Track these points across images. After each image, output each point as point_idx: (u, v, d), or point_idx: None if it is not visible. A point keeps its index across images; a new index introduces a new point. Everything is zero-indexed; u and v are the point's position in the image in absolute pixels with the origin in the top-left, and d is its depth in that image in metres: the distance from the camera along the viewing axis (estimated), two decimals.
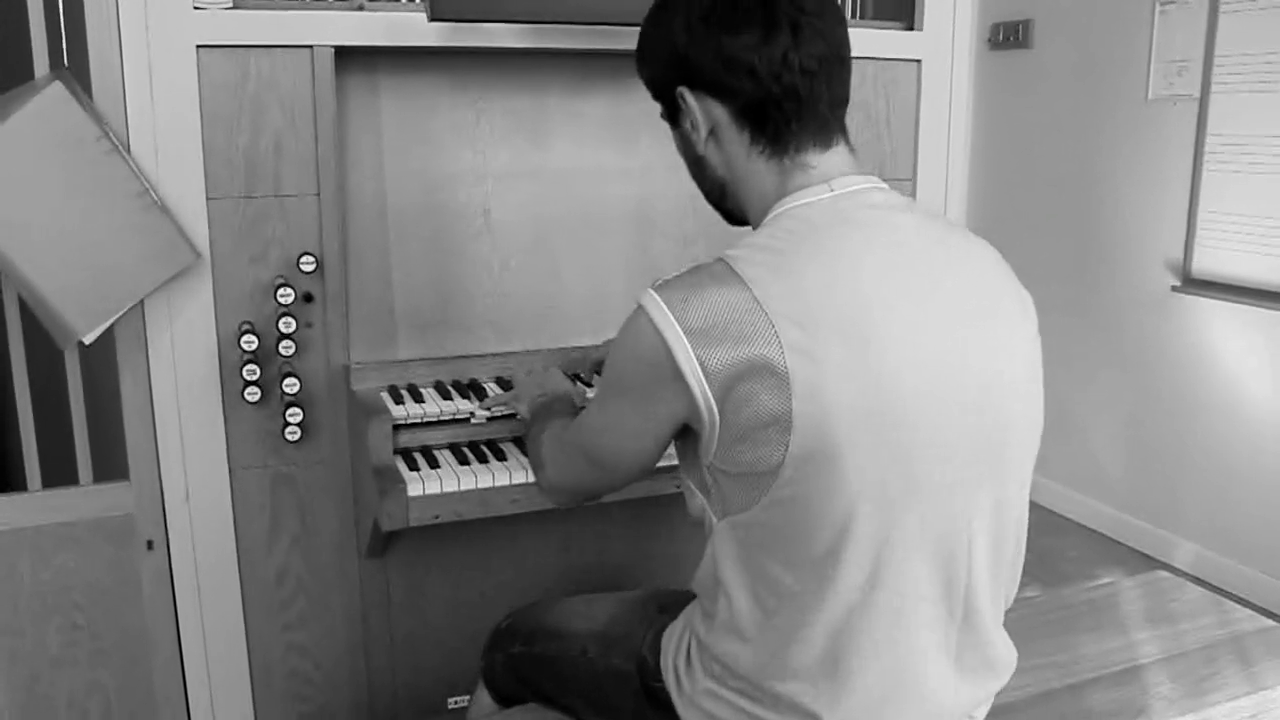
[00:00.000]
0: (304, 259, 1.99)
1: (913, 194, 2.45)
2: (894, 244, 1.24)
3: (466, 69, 2.16)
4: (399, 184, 2.14)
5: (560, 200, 2.24)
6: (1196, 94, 3.59)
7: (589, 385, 2.09)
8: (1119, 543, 3.90)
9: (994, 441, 1.25)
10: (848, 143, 1.33)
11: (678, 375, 1.20)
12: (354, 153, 2.11)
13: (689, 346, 1.18)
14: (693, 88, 1.31)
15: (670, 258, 2.28)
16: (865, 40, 2.28)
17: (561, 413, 1.71)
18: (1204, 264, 3.58)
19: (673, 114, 1.38)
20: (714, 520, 1.29)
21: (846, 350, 1.16)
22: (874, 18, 2.61)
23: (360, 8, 2.03)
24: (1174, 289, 3.68)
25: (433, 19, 1.94)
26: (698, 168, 1.39)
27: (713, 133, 1.33)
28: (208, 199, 1.97)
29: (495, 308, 2.20)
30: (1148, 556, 3.79)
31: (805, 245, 1.22)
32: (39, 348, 2.10)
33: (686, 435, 1.31)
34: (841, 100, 1.32)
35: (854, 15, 2.64)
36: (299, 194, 2.02)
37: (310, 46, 1.98)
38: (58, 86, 1.84)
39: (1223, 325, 3.55)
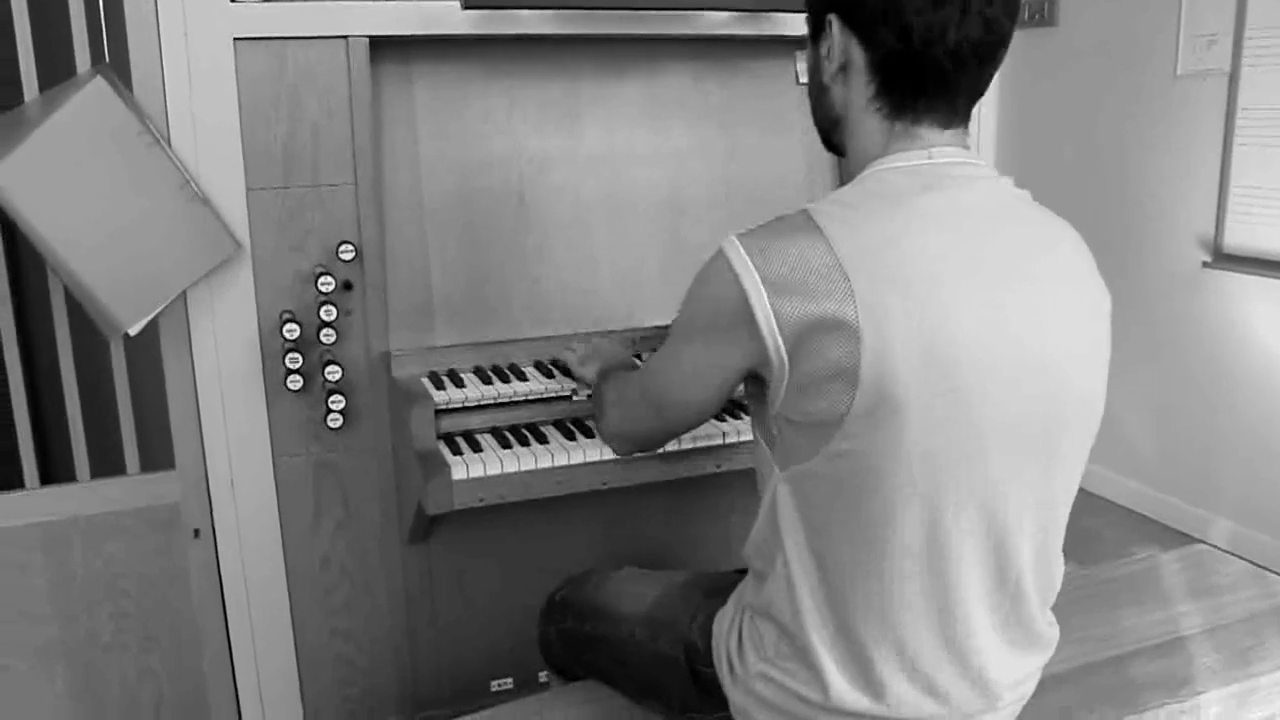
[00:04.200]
0: (343, 248, 2.02)
1: None
2: (971, 211, 1.24)
3: (499, 56, 2.18)
4: (434, 171, 2.16)
5: (593, 185, 2.26)
6: (1227, 68, 3.56)
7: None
8: (1154, 520, 3.89)
9: (1050, 418, 1.25)
10: (965, 129, 1.31)
11: (752, 322, 1.22)
12: (389, 141, 2.12)
13: (765, 295, 1.20)
14: (843, 19, 1.28)
15: (702, 242, 2.29)
16: None
17: (627, 368, 1.76)
18: (1235, 239, 3.56)
19: (815, 34, 1.35)
20: (776, 472, 1.31)
21: (913, 309, 1.16)
22: None
23: None
24: (1205, 265, 3.66)
25: (466, 7, 1.95)
26: (819, 94, 1.38)
27: (843, 69, 1.31)
28: (247, 190, 2.00)
29: (531, 292, 2.21)
30: (1183, 534, 3.78)
31: (883, 205, 1.23)
32: (84, 339, 2.13)
33: (756, 384, 1.32)
34: (978, 94, 1.30)
35: None
36: (337, 183, 2.04)
37: (345, 37, 2.00)
38: (99, 82, 1.86)
39: (1255, 300, 3.53)
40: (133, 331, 1.93)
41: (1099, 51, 3.97)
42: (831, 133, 1.39)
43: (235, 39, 1.95)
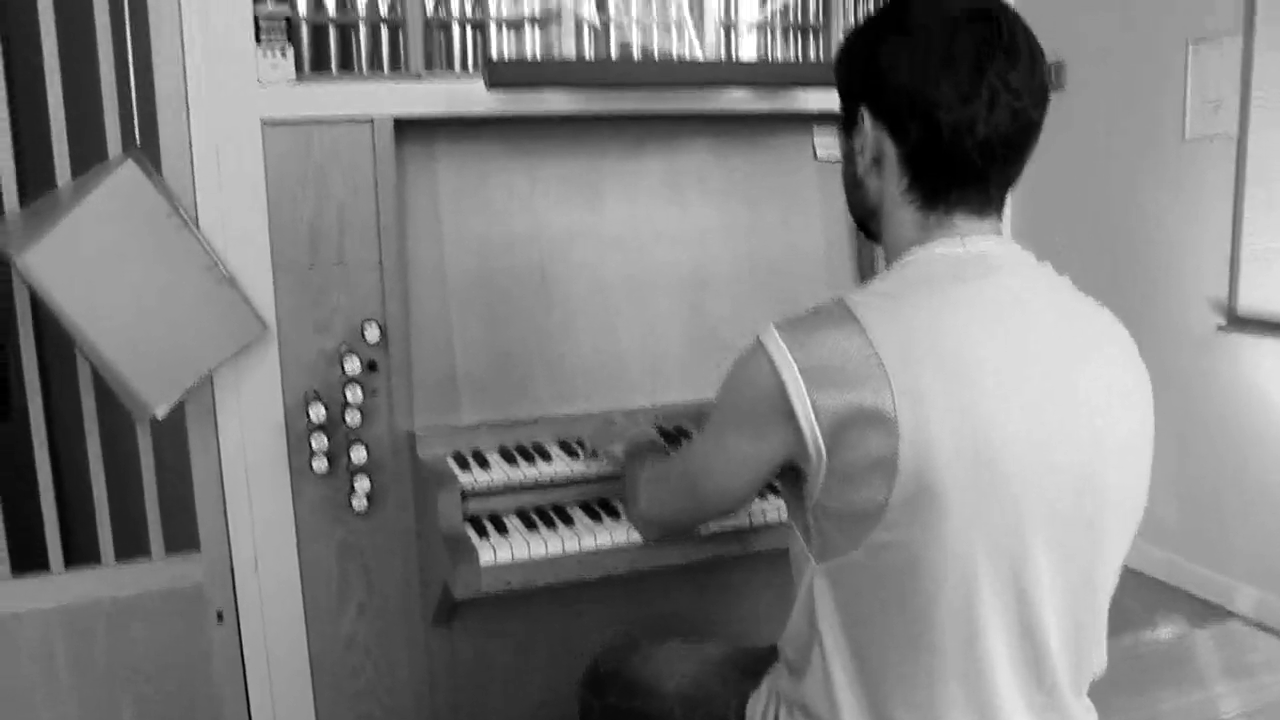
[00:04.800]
0: (368, 328, 2.02)
1: None
2: (1010, 298, 1.24)
3: (522, 134, 2.20)
4: (457, 249, 2.17)
5: (615, 261, 2.26)
6: (1234, 132, 3.59)
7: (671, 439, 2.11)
8: (1176, 588, 3.86)
9: (1093, 507, 1.24)
10: (999, 217, 1.32)
11: (789, 413, 1.22)
12: (413, 219, 2.13)
13: (803, 386, 1.20)
14: (874, 113, 1.30)
15: (725, 318, 2.30)
16: None
17: (656, 450, 1.77)
18: (1249, 302, 3.57)
19: (848, 125, 1.36)
20: (813, 565, 1.30)
21: (951, 399, 1.16)
22: None
23: (419, 78, 2.07)
24: (1220, 328, 3.67)
25: (490, 87, 1.97)
26: (854, 187, 1.39)
27: (877, 162, 1.32)
28: (274, 269, 2.01)
29: (554, 369, 2.21)
30: (1207, 602, 3.75)
31: (922, 295, 1.23)
32: (109, 419, 2.12)
33: (792, 475, 1.32)
34: (1011, 181, 1.31)
35: None
36: (362, 263, 2.05)
37: (371, 119, 2.01)
38: (130, 166, 1.88)
39: (1271, 363, 3.53)
40: (160, 414, 1.93)
41: (1107, 116, 4.01)
42: (868, 221, 1.40)
43: (263, 121, 1.97)
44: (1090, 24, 3.99)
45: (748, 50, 2.41)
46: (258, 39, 1.95)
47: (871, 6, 2.52)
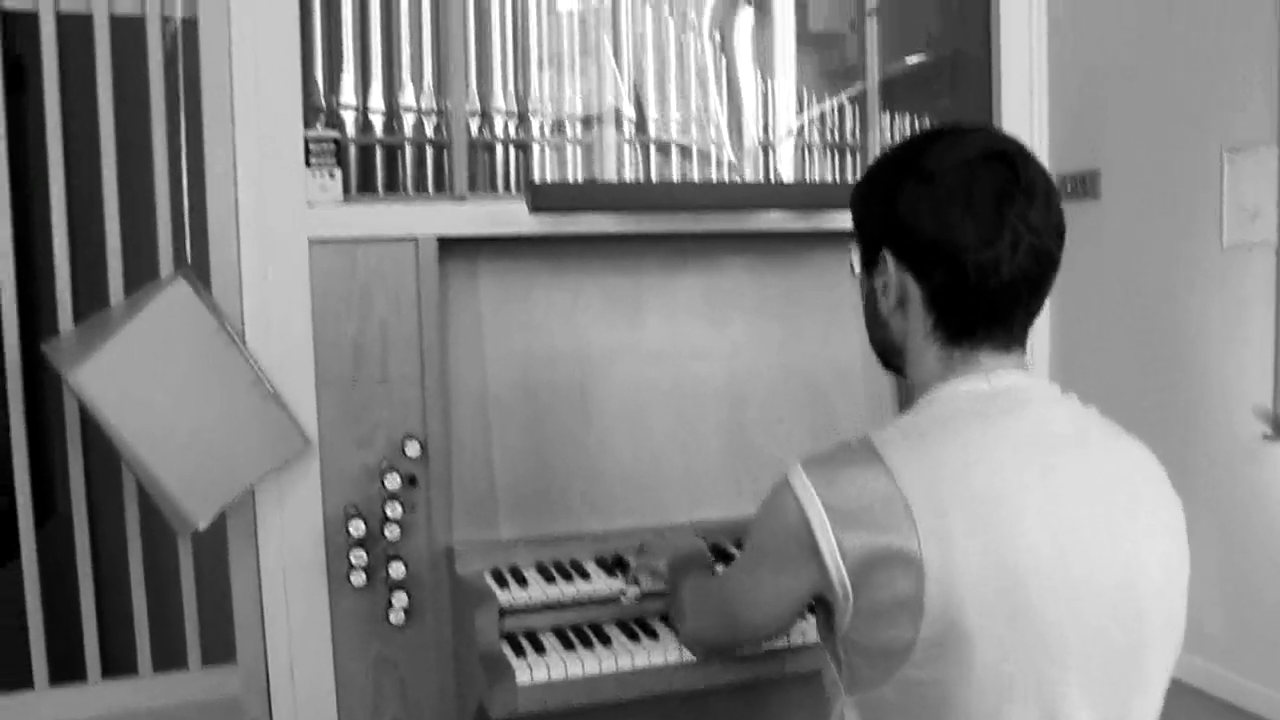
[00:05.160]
0: (409, 444, 2.04)
1: None
2: (1037, 436, 1.24)
3: (563, 253, 2.23)
4: (498, 364, 2.19)
5: (655, 378, 2.28)
6: (1273, 240, 3.57)
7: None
8: (1228, 703, 3.76)
9: (1129, 641, 1.22)
10: (1023, 349, 1.33)
11: (815, 553, 1.22)
12: (455, 335, 2.17)
13: (829, 526, 1.20)
14: (897, 255, 1.31)
15: (764, 434, 2.30)
16: None
17: (700, 567, 1.79)
18: None
19: (868, 265, 1.37)
20: (844, 695, 1.29)
21: (978, 542, 1.16)
22: None
23: (462, 199, 2.12)
24: (1265, 437, 3.62)
25: (534, 211, 2.01)
26: (877, 325, 1.39)
27: (901, 304, 1.33)
28: (317, 385, 2.04)
29: (593, 485, 2.22)
30: (1253, 714, 3.65)
31: (948, 432, 1.23)
32: (150, 525, 2.14)
33: (824, 605, 1.32)
34: (1033, 316, 1.31)
35: None
36: (404, 379, 2.08)
37: (416, 238, 2.06)
38: (181, 284, 1.93)
39: None
40: (202, 526, 1.95)
41: (1144, 224, 4.00)
42: (891, 358, 1.41)
43: (311, 240, 2.02)
44: (1124, 133, 4.00)
45: (786, 166, 2.45)
46: (308, 161, 2.01)
47: (908, 126, 2.57)
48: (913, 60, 2.69)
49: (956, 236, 1.24)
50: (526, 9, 2.26)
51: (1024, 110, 2.52)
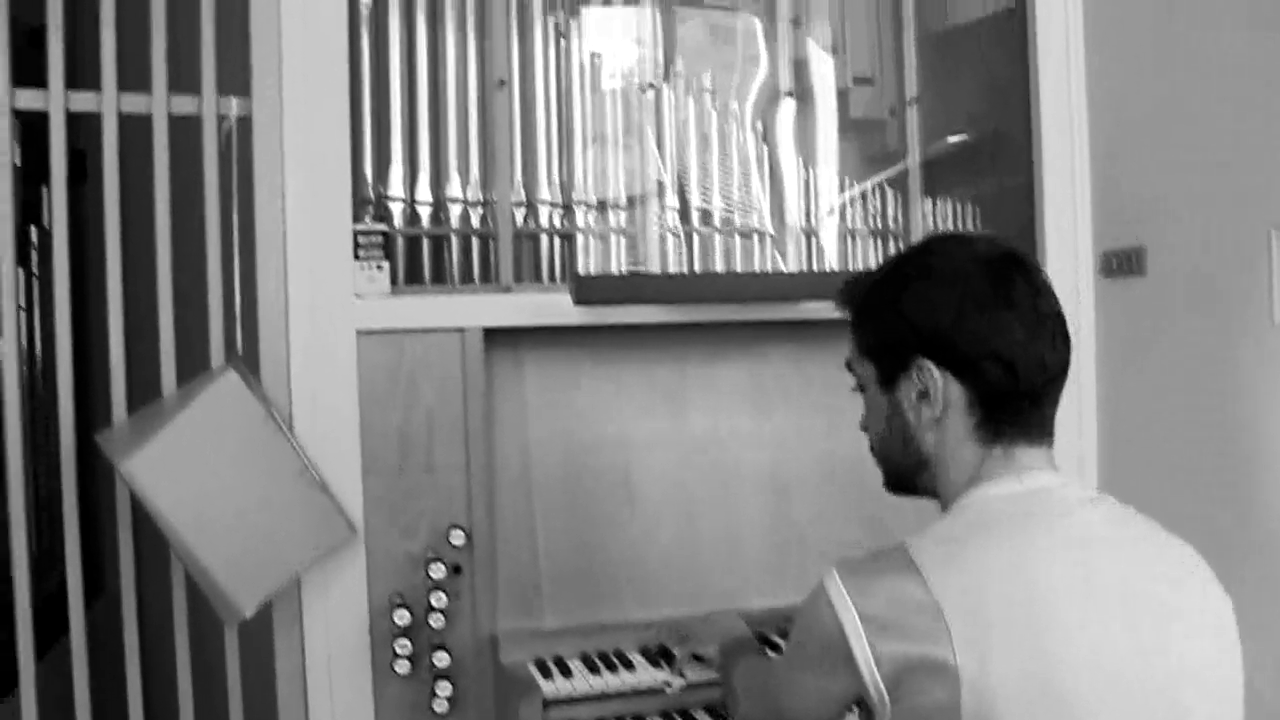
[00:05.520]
0: (453, 532, 2.05)
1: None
2: (1074, 540, 1.23)
3: (607, 342, 2.25)
4: (543, 452, 2.21)
5: (698, 466, 2.29)
6: None
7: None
8: None
9: None
10: (1050, 442, 1.33)
11: (850, 660, 1.22)
12: (500, 424, 2.18)
13: (864, 634, 1.20)
14: (940, 363, 1.31)
15: (808, 522, 2.30)
16: None
17: (750, 651, 1.78)
18: None
19: (890, 379, 1.37)
20: None
21: (1016, 647, 1.15)
22: None
23: (507, 290, 2.14)
24: None
25: (578, 303, 2.04)
26: (903, 440, 1.37)
27: (942, 410, 1.32)
28: (363, 474, 2.06)
29: (636, 573, 2.22)
30: None
31: (984, 538, 1.23)
32: (196, 608, 2.16)
33: (865, 706, 1.31)
34: (1057, 405, 1.33)
35: None
36: (449, 467, 2.09)
37: (461, 329, 2.08)
38: (231, 375, 1.96)
39: None
40: (249, 614, 1.96)
41: (1191, 301, 3.96)
42: (916, 476, 1.39)
43: (358, 331, 2.05)
44: (1169, 209, 3.98)
45: (829, 252, 2.46)
46: (356, 254, 2.05)
47: (951, 211, 2.58)
48: (954, 140, 2.71)
49: (1008, 335, 1.27)
50: (570, 94, 2.31)
51: (1066, 187, 2.53)
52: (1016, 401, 1.28)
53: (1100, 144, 2.58)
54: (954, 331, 1.29)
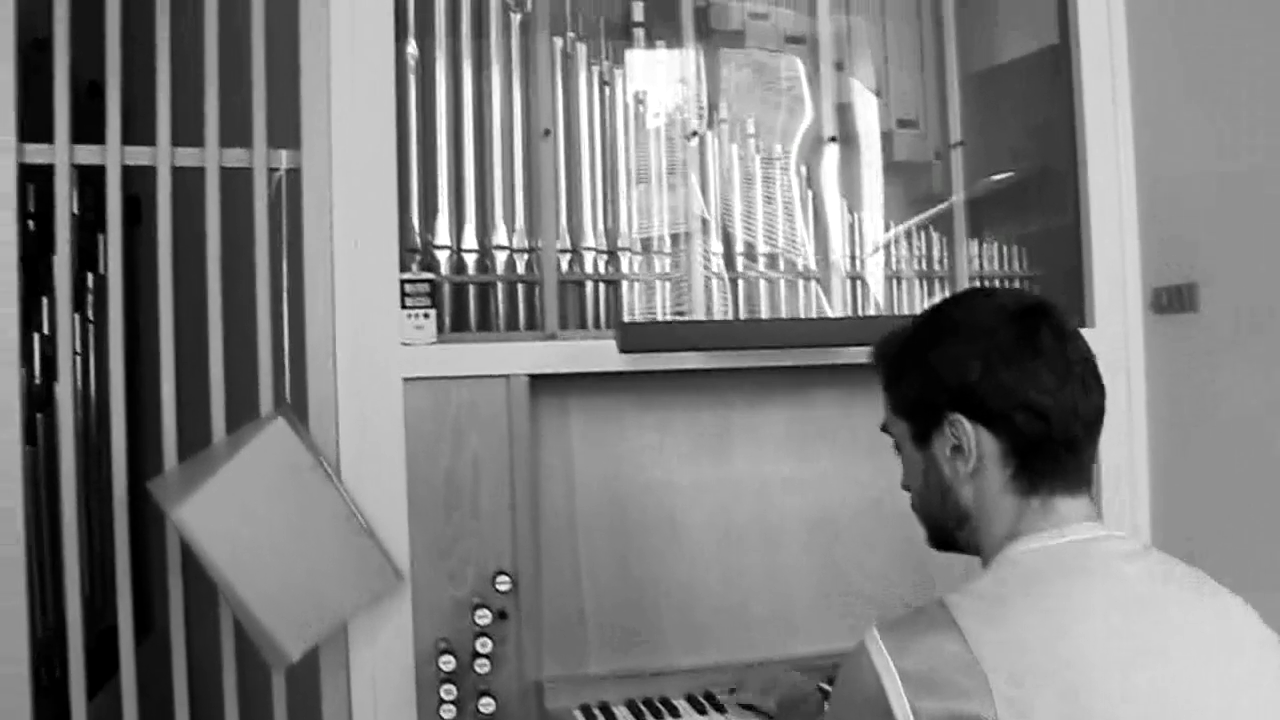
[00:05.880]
0: (499, 578, 2.06)
1: (1097, 496, 2.41)
2: (1119, 596, 1.22)
3: (652, 388, 2.26)
4: (588, 498, 2.21)
5: (744, 510, 2.28)
6: None
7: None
8: None
9: None
10: (1090, 491, 1.32)
11: (890, 718, 1.20)
12: (546, 469, 2.19)
13: (903, 693, 1.18)
14: (972, 417, 1.30)
15: (855, 566, 2.28)
16: None
17: (809, 704, 1.78)
18: None
19: (924, 435, 1.37)
20: None
21: (1057, 707, 1.13)
22: None
23: (553, 337, 2.16)
24: None
25: (623, 351, 2.04)
26: (941, 495, 1.37)
27: (978, 463, 1.31)
28: (410, 520, 2.07)
29: (683, 618, 2.22)
30: None
31: (1026, 594, 1.22)
32: (245, 660, 2.18)
33: None
34: (1095, 453, 1.32)
35: None
36: (495, 514, 2.10)
37: (507, 376, 2.10)
38: (280, 423, 1.98)
39: None
40: (295, 659, 1.98)
41: (1246, 336, 3.90)
42: (957, 530, 1.37)
43: (405, 379, 2.07)
44: (1222, 244, 3.93)
45: (874, 296, 2.46)
46: (403, 303, 2.07)
47: (997, 252, 2.57)
48: (999, 178, 2.70)
49: (1037, 384, 1.26)
50: (615, 141, 2.33)
51: (1113, 223, 2.52)
52: (1052, 450, 1.27)
53: (1147, 178, 2.56)
54: (983, 384, 1.29)
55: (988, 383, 1.28)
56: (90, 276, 2.63)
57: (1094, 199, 2.49)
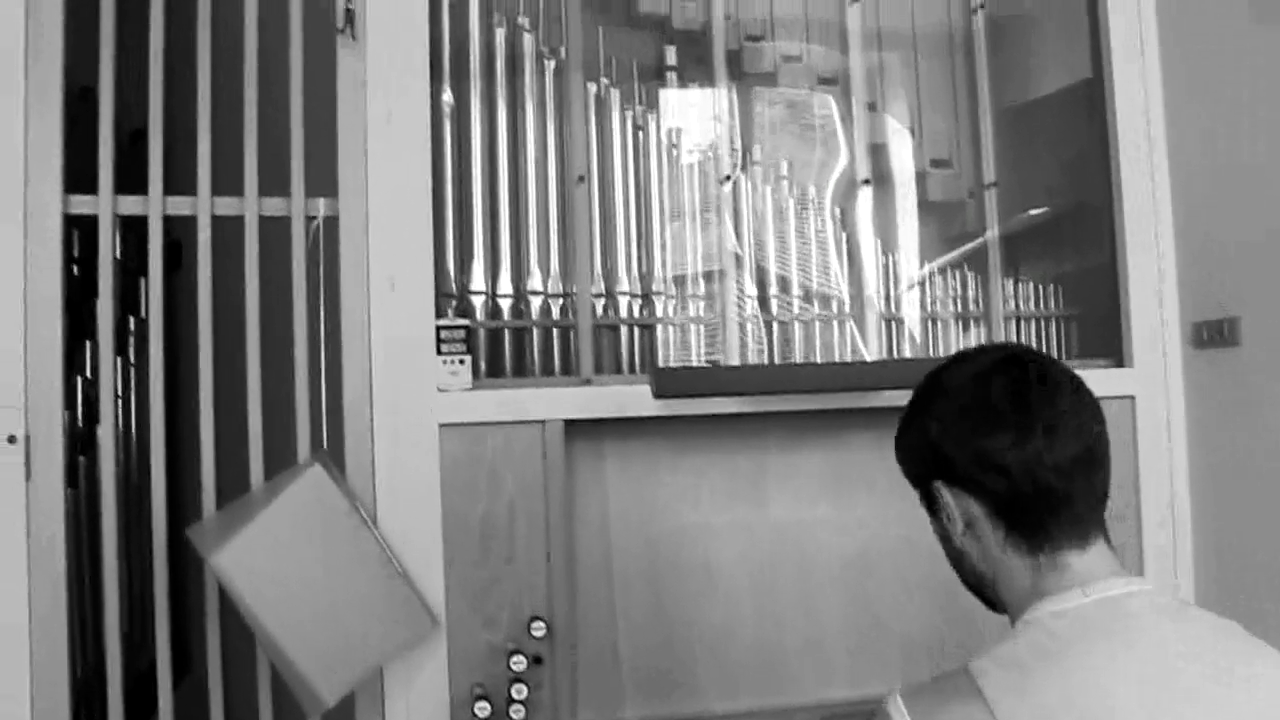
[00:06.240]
0: (535, 624, 2.05)
1: (1137, 550, 2.38)
2: (1151, 658, 1.20)
3: (687, 432, 2.26)
4: (623, 542, 2.21)
5: (780, 554, 2.27)
6: None
7: None
8: None
9: None
10: (1107, 540, 1.30)
11: None
12: (581, 514, 2.19)
13: None
14: (948, 482, 1.32)
15: (891, 609, 2.27)
16: None
17: None
18: None
19: (927, 504, 1.39)
20: None
21: None
22: (1079, 356, 2.60)
23: (588, 382, 2.16)
24: None
25: (658, 396, 2.05)
26: (957, 559, 1.39)
27: (969, 526, 1.32)
28: (445, 565, 2.08)
29: (718, 662, 2.21)
30: None
31: (1051, 662, 1.20)
32: (280, 703, 2.18)
33: None
34: (1101, 498, 1.30)
35: (1060, 356, 2.65)
36: (530, 559, 2.10)
37: (542, 421, 2.10)
38: (317, 469, 1.99)
39: None
40: (331, 704, 1.98)
41: None
42: (985, 590, 1.38)
43: (440, 425, 2.08)
44: (1264, 276, 3.89)
45: (910, 337, 2.45)
46: (439, 349, 2.08)
47: (1032, 292, 2.55)
48: (1034, 213, 2.68)
49: (991, 442, 1.26)
50: (649, 185, 2.34)
51: (1150, 258, 2.50)
52: (1033, 506, 1.26)
53: (1183, 213, 2.54)
54: (946, 448, 1.30)
55: (948, 447, 1.30)
56: (132, 320, 2.66)
57: (1130, 234, 2.47)
